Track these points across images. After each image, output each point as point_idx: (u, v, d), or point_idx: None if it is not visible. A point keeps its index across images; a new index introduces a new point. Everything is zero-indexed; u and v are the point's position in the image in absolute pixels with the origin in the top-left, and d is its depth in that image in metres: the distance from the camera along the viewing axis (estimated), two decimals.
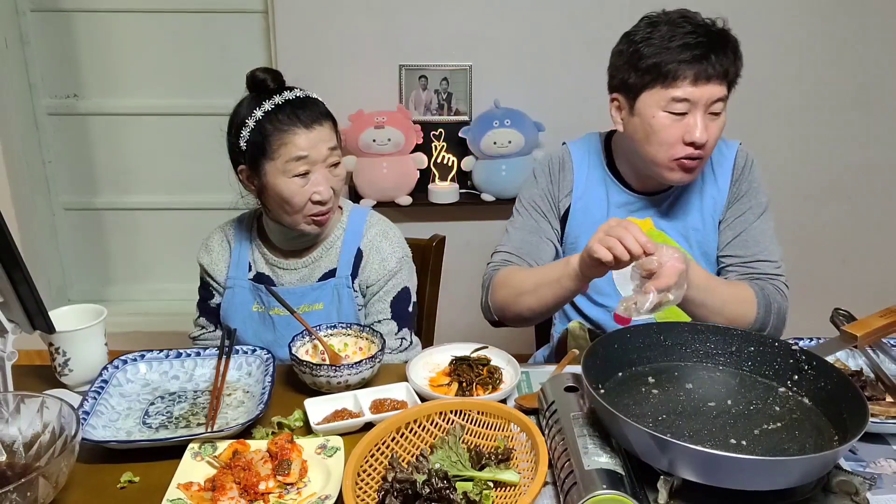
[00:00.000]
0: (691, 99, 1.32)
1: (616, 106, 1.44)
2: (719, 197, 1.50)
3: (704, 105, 1.33)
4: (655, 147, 1.37)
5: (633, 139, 1.41)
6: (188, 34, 2.81)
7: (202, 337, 1.60)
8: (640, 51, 1.34)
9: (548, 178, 1.54)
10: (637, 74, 1.35)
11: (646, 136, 1.37)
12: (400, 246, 1.54)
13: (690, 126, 1.33)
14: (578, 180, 1.53)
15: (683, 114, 1.33)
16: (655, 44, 1.32)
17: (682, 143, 1.35)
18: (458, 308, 2.51)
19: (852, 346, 1.21)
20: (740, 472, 0.87)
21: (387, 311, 1.52)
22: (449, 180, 2.72)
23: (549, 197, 1.54)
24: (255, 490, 0.99)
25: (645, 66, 1.33)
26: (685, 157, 1.36)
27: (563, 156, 1.56)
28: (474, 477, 0.96)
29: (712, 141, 1.37)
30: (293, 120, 1.37)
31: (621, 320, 1.51)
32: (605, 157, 1.54)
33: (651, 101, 1.35)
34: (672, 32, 1.31)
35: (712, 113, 1.35)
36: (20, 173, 2.82)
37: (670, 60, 1.30)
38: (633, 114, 1.38)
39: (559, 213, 1.54)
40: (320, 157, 1.39)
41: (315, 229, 1.45)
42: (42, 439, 1.03)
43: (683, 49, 1.30)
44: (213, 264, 1.56)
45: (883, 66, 2.73)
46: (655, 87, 1.33)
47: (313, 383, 1.26)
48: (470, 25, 2.63)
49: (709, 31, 1.33)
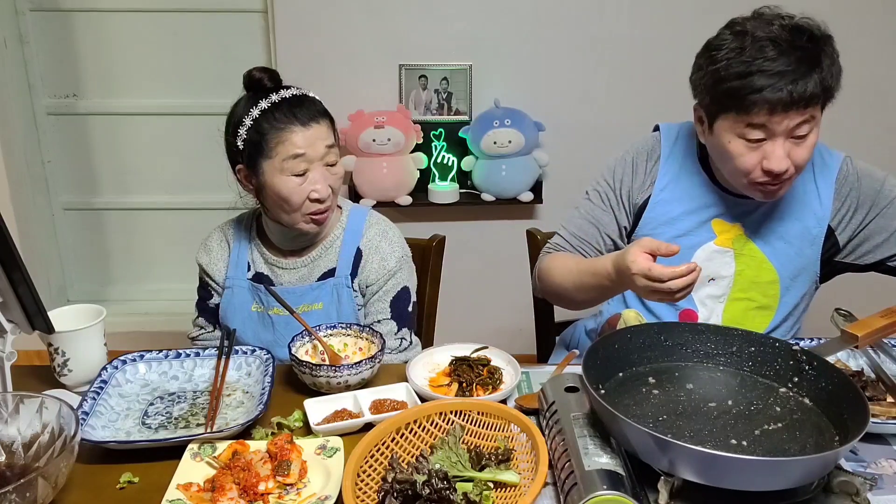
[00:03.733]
0: (768, 126, 1.24)
1: (698, 117, 1.37)
2: (822, 213, 1.41)
3: (784, 133, 1.24)
4: (733, 170, 1.31)
5: (714, 153, 1.36)
6: (188, 34, 2.81)
7: (201, 337, 1.59)
8: (718, 73, 1.25)
9: (628, 170, 1.47)
10: (712, 98, 1.28)
11: (722, 158, 1.32)
12: (399, 245, 1.54)
13: (769, 154, 1.25)
14: (664, 171, 1.45)
15: (762, 140, 1.25)
16: (733, 69, 1.23)
17: (760, 169, 1.27)
18: (458, 308, 2.51)
19: (853, 347, 1.21)
20: (741, 473, 0.86)
21: (386, 311, 1.51)
22: (449, 180, 2.71)
23: (622, 190, 1.47)
24: (254, 491, 0.99)
25: (720, 91, 1.25)
26: (766, 183, 1.29)
27: (651, 145, 1.49)
28: (474, 477, 0.96)
29: (799, 164, 1.27)
30: (290, 118, 1.36)
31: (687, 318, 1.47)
32: (699, 149, 1.44)
33: (726, 126, 1.28)
34: (753, 56, 1.21)
35: (797, 137, 1.26)
36: (20, 173, 2.82)
37: (744, 91, 1.21)
38: (712, 133, 1.32)
39: (634, 206, 1.47)
40: (317, 155, 1.38)
41: (314, 228, 1.45)
42: (41, 440, 1.02)
43: (761, 77, 1.20)
44: (212, 264, 1.56)
45: (883, 66, 2.73)
46: (730, 114, 1.26)
47: (313, 384, 1.26)
48: (470, 25, 2.63)
49: (794, 55, 1.21)
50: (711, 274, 1.43)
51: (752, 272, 1.43)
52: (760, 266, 1.43)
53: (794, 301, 1.46)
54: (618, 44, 2.63)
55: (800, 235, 1.42)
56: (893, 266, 1.43)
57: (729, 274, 1.44)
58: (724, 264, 1.43)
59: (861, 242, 1.43)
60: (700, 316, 1.47)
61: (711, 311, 1.46)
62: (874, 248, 1.42)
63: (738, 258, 1.43)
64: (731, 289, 1.44)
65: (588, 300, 1.42)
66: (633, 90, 2.68)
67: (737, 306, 1.45)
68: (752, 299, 1.45)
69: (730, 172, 1.33)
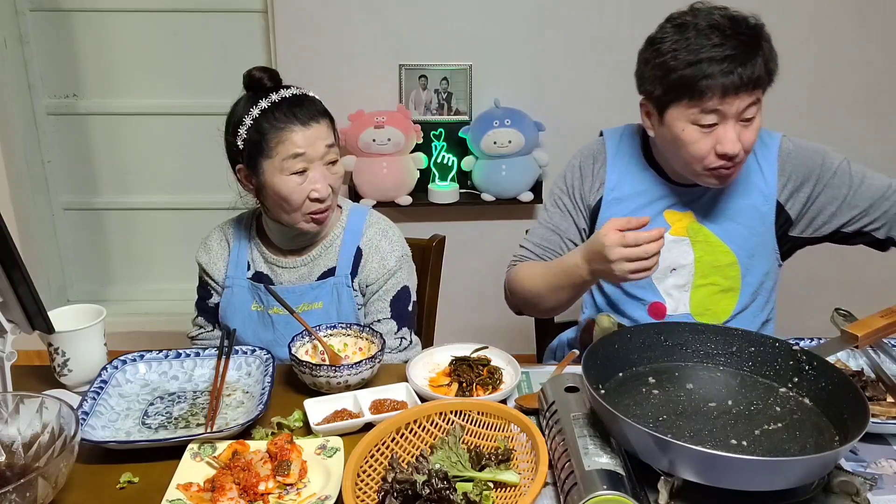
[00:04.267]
0: (720, 110, 1.28)
1: (646, 112, 1.41)
2: (768, 191, 1.45)
3: (735, 115, 1.29)
4: (687, 158, 1.34)
5: (664, 146, 1.39)
6: (188, 34, 2.81)
7: (200, 337, 1.59)
8: (666, 63, 1.29)
9: (577, 174, 1.52)
10: (663, 89, 1.31)
11: (676, 147, 1.35)
12: (399, 245, 1.54)
13: (721, 138, 1.29)
14: (612, 171, 1.49)
15: (713, 125, 1.30)
16: (681, 57, 1.27)
17: (714, 154, 1.31)
18: (458, 308, 2.51)
19: (853, 347, 1.21)
20: (741, 473, 0.86)
21: (386, 311, 1.51)
22: (449, 180, 2.71)
23: (576, 194, 1.52)
24: (254, 491, 0.99)
25: (670, 81, 1.29)
26: (719, 167, 1.33)
27: (596, 148, 1.53)
28: (474, 477, 0.96)
29: (748, 146, 1.32)
30: (290, 118, 1.36)
31: (655, 314, 1.50)
32: (643, 147, 1.50)
33: (679, 114, 1.31)
34: (698, 44, 1.26)
35: (745, 119, 1.30)
36: (20, 173, 2.82)
37: (697, 76, 1.26)
38: (663, 124, 1.35)
39: (588, 208, 1.51)
40: (317, 154, 1.38)
41: (314, 227, 1.45)
42: (41, 440, 1.02)
43: (711, 63, 1.25)
44: (212, 263, 1.56)
45: (883, 66, 2.73)
46: (682, 102, 1.30)
47: (313, 384, 1.26)
48: (470, 25, 2.63)
49: (738, 40, 1.26)
50: (672, 264, 1.47)
51: (710, 257, 1.46)
52: (717, 249, 1.46)
53: (758, 279, 1.49)
54: (618, 44, 2.63)
55: (749, 214, 1.46)
56: (848, 232, 1.47)
57: (689, 262, 1.46)
58: (683, 253, 1.46)
59: (815, 216, 1.46)
60: (668, 307, 1.49)
61: (678, 300, 1.49)
62: (829, 219, 1.45)
63: (694, 245, 1.46)
64: (693, 276, 1.47)
65: (560, 301, 1.43)
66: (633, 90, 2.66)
67: (702, 292, 1.48)
68: (716, 283, 1.48)
69: (683, 161, 1.36)
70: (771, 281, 1.52)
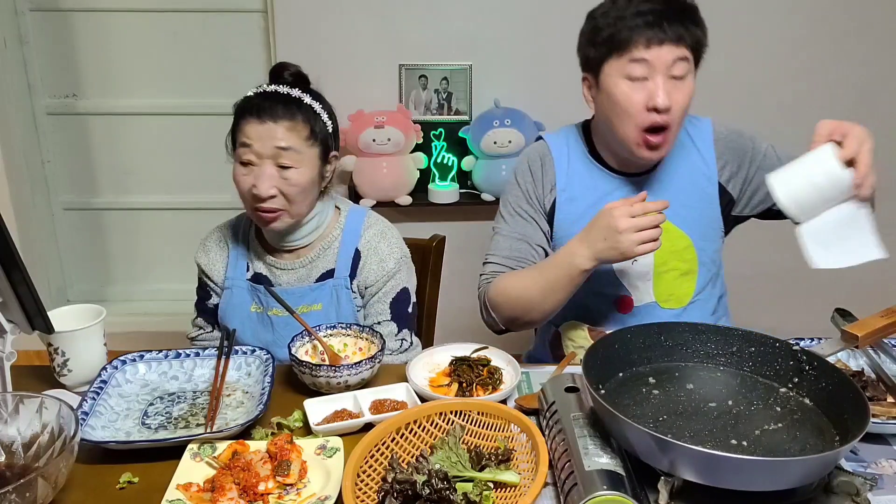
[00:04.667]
0: (648, 60, 1.32)
1: (587, 86, 1.45)
2: (710, 172, 1.50)
3: (664, 68, 1.32)
4: (622, 119, 1.37)
5: (603, 117, 1.42)
6: (188, 34, 2.81)
7: (200, 338, 1.59)
8: (597, 25, 1.37)
9: (529, 178, 1.52)
10: (595, 48, 1.38)
11: (612, 109, 1.38)
12: (398, 246, 1.54)
13: (652, 91, 1.33)
14: (560, 172, 1.51)
15: (643, 79, 1.33)
16: (611, 16, 1.35)
17: (645, 110, 1.34)
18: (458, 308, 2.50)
19: (853, 347, 1.21)
20: (741, 473, 0.86)
21: (386, 313, 1.51)
22: (449, 180, 2.71)
23: (532, 197, 1.52)
24: (254, 491, 0.99)
25: (601, 38, 1.36)
26: (650, 128, 1.35)
27: (541, 151, 1.54)
28: (474, 478, 0.96)
29: (678, 108, 1.34)
30: (252, 108, 1.37)
31: (622, 307, 1.51)
32: (586, 145, 1.53)
33: (611, 71, 1.36)
34: (627, 4, 1.34)
35: (674, 77, 1.34)
36: (20, 173, 2.82)
37: (623, 28, 1.32)
38: (599, 88, 1.40)
39: (545, 210, 1.52)
40: (266, 151, 1.37)
41: (262, 224, 1.44)
42: (41, 440, 1.02)
43: (636, 16, 1.32)
44: (211, 264, 1.55)
45: (882, 65, 2.73)
46: (612, 56, 1.35)
47: (313, 384, 1.26)
48: (470, 25, 2.63)
49: (666, 3, 1.33)
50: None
51: (667, 243, 1.46)
52: (672, 234, 1.47)
53: (711, 258, 1.53)
54: None
55: (697, 197, 1.50)
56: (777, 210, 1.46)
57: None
58: None
59: (752, 195, 1.52)
60: (634, 298, 1.51)
61: (642, 290, 1.51)
62: (765, 198, 1.50)
63: None
64: (653, 264, 1.48)
65: (556, 304, 1.41)
66: None
67: (663, 279, 1.50)
68: (675, 268, 1.50)
69: (620, 125, 1.38)
70: (719, 257, 1.57)
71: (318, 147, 1.42)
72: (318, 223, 1.50)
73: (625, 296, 1.51)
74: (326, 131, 1.44)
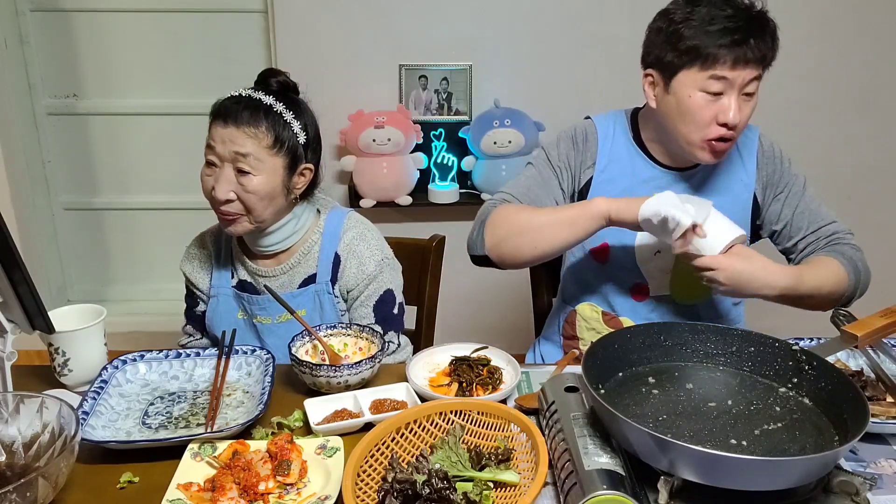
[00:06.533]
0: (728, 78, 1.33)
1: (650, 82, 1.44)
2: (748, 180, 1.51)
3: (740, 86, 1.34)
4: (689, 126, 1.38)
5: (666, 116, 1.42)
6: (188, 34, 2.81)
7: (190, 345, 1.59)
8: (679, 31, 1.34)
9: (571, 145, 1.53)
10: (675, 54, 1.36)
11: (680, 114, 1.38)
12: (378, 248, 1.51)
13: (725, 107, 1.34)
14: (602, 153, 1.51)
15: (719, 94, 1.34)
16: (695, 25, 1.33)
17: (715, 123, 1.36)
18: (458, 308, 2.51)
19: (853, 347, 1.21)
20: (741, 473, 0.86)
21: (370, 316, 1.49)
22: (449, 180, 2.71)
23: (568, 162, 1.52)
24: (254, 490, 0.99)
25: (684, 46, 1.34)
26: (717, 139, 1.37)
27: (587, 128, 1.54)
28: (474, 477, 0.96)
29: (744, 122, 1.38)
30: (221, 111, 1.37)
31: (637, 294, 1.53)
32: (632, 132, 1.53)
33: (688, 80, 1.36)
34: (712, 15, 1.32)
35: (746, 94, 1.36)
36: (20, 173, 2.82)
37: (710, 44, 1.31)
38: (668, 92, 1.39)
39: (578, 182, 1.53)
40: (225, 154, 1.36)
41: (223, 226, 1.43)
42: (41, 439, 1.02)
43: (724, 33, 1.31)
44: (195, 273, 1.55)
45: (883, 66, 2.73)
46: (693, 67, 1.34)
47: (313, 383, 1.26)
48: (470, 25, 2.63)
49: (749, 14, 1.34)
50: (657, 247, 1.49)
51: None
52: None
53: None
54: (618, 44, 2.63)
55: (732, 200, 1.50)
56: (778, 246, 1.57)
57: None
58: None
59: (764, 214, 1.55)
60: (650, 288, 1.53)
61: (660, 282, 1.53)
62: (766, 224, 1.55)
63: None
64: (675, 258, 1.48)
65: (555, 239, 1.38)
66: (633, 90, 2.67)
67: (683, 274, 1.50)
68: None
69: (684, 131, 1.39)
70: None
71: (284, 157, 1.39)
72: (293, 229, 1.47)
73: (641, 283, 1.53)
74: (296, 142, 1.40)
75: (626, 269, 1.53)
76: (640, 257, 1.51)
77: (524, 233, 1.40)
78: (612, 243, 1.52)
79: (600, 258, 1.55)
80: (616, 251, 1.53)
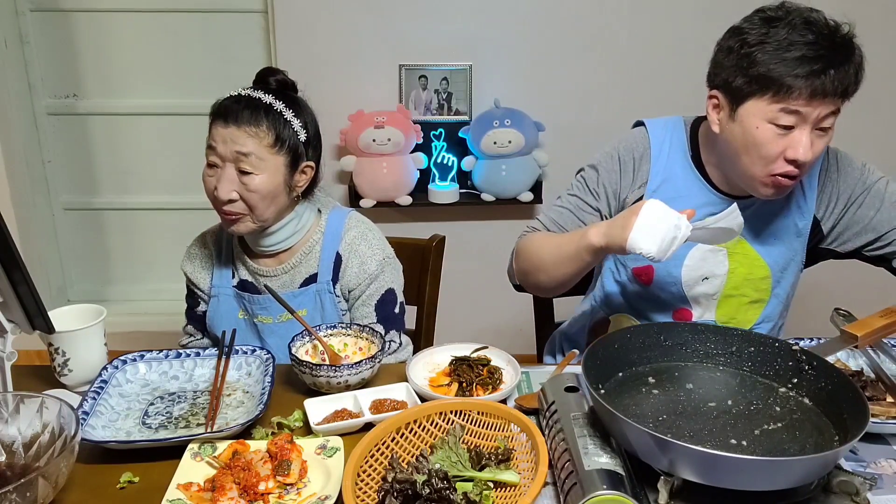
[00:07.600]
0: (802, 113, 1.20)
1: (714, 104, 1.31)
2: (807, 205, 1.42)
3: (814, 121, 1.21)
4: (753, 159, 1.26)
5: (728, 144, 1.30)
6: (188, 34, 2.81)
7: (191, 345, 1.59)
8: (752, 55, 1.21)
9: (618, 167, 1.43)
10: (745, 80, 1.23)
11: (745, 146, 1.26)
12: (380, 248, 1.51)
13: (795, 142, 1.22)
14: (655, 171, 1.41)
15: (790, 128, 1.22)
16: (770, 51, 1.19)
17: (783, 158, 1.24)
18: (458, 308, 2.50)
19: (853, 347, 1.21)
20: (741, 473, 0.87)
21: (372, 315, 1.50)
22: (449, 180, 2.71)
23: (610, 187, 1.43)
24: (254, 490, 0.99)
25: (756, 73, 1.21)
26: (782, 175, 1.26)
27: (640, 142, 1.43)
28: (474, 477, 0.96)
29: (816, 158, 1.25)
30: (221, 111, 1.37)
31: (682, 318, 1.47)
32: (691, 148, 1.42)
33: (757, 110, 1.23)
34: (790, 39, 1.18)
35: (820, 129, 1.23)
36: (20, 173, 2.82)
37: (785, 73, 1.18)
38: (734, 119, 1.27)
39: (624, 204, 1.43)
40: (227, 154, 1.36)
41: (226, 226, 1.43)
42: (41, 439, 1.02)
43: (802, 62, 1.17)
44: (196, 273, 1.55)
45: (884, 66, 2.73)
46: (765, 97, 1.21)
47: (313, 383, 1.26)
48: (470, 25, 2.63)
49: (832, 42, 1.19)
50: (705, 273, 1.44)
51: (744, 269, 1.44)
52: (753, 263, 1.44)
53: (785, 291, 1.49)
54: (618, 44, 2.63)
55: (788, 231, 1.43)
56: (870, 256, 1.45)
57: (722, 272, 1.44)
58: (718, 263, 1.44)
59: (842, 231, 1.44)
60: (694, 314, 1.47)
61: (705, 308, 1.47)
62: (852, 237, 1.44)
63: (731, 257, 1.43)
64: (724, 286, 1.45)
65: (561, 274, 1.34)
66: (633, 90, 2.68)
67: (730, 303, 1.46)
68: (745, 295, 1.46)
69: (746, 163, 1.28)
70: (793, 290, 1.51)
71: (286, 155, 1.39)
72: (294, 228, 1.47)
73: (686, 309, 1.47)
74: (297, 140, 1.40)
75: (672, 293, 1.45)
76: (687, 282, 1.43)
77: (539, 269, 1.37)
78: (656, 266, 1.44)
79: (643, 280, 1.47)
80: (661, 274, 1.44)
